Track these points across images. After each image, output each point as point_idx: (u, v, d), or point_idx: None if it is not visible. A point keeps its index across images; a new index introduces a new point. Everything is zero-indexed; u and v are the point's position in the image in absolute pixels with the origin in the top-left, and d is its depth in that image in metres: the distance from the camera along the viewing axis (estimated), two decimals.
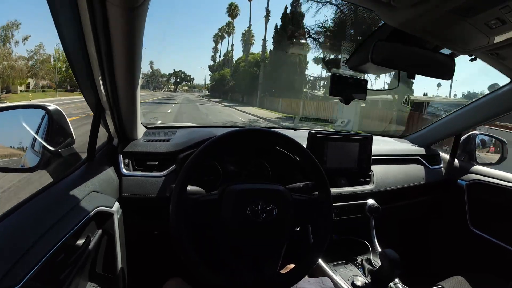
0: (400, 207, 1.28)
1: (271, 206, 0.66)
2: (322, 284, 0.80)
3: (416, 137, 1.51)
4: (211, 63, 44.04)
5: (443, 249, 1.42)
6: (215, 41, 43.22)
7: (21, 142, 0.81)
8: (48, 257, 0.52)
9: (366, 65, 0.83)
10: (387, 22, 0.67)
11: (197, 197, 0.65)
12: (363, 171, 1.15)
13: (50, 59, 25.30)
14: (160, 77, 60.26)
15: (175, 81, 65.17)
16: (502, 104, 1.11)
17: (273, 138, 0.76)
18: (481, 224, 1.26)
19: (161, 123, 1.34)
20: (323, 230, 0.71)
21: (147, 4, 0.51)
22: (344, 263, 1.10)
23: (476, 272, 1.06)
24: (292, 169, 1.05)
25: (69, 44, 0.62)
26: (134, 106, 0.80)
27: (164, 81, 63.58)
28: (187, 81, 66.25)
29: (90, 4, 0.48)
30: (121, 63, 0.62)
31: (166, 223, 0.62)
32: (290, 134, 0.77)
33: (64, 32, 0.59)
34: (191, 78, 66.10)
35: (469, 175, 1.34)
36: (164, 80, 63.51)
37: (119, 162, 0.92)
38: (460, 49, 0.76)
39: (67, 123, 0.80)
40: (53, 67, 25.15)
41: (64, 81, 26.75)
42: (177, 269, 0.87)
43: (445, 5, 0.55)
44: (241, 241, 0.66)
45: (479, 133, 1.40)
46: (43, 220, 0.57)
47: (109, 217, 0.78)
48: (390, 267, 0.80)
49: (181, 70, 65.74)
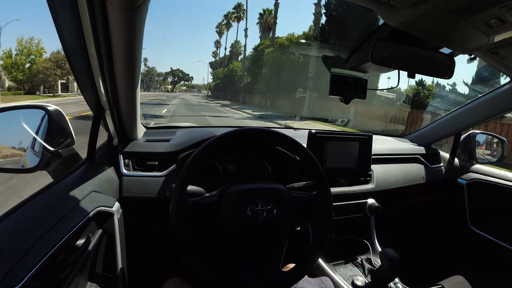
0: (400, 206, 1.28)
1: (271, 205, 0.66)
2: (322, 284, 0.80)
3: (416, 136, 1.51)
4: (212, 61, 38.23)
5: (443, 248, 1.43)
6: (218, 31, 36.05)
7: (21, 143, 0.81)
8: (48, 257, 0.52)
9: (366, 64, 0.83)
10: (387, 22, 0.67)
11: (197, 200, 0.66)
12: (363, 171, 1.15)
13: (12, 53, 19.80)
14: (156, 76, 56.17)
15: (172, 80, 59.23)
16: (502, 103, 1.11)
17: (273, 138, 0.76)
18: (481, 223, 1.26)
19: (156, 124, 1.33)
20: (323, 230, 0.71)
21: (147, 4, 0.51)
22: (344, 262, 1.10)
23: (476, 271, 1.06)
24: (292, 169, 1.05)
25: (69, 44, 0.62)
26: (134, 106, 0.80)
27: (160, 81, 57.80)
28: (185, 80, 59.97)
29: (90, 4, 0.48)
30: (121, 63, 0.62)
31: (166, 223, 0.62)
32: (290, 133, 0.77)
33: (64, 32, 0.59)
34: (190, 77, 59.97)
35: (469, 174, 1.34)
36: (160, 79, 57.75)
37: (119, 162, 0.92)
38: (460, 49, 0.76)
39: (67, 123, 0.80)
40: (10, 64, 19.61)
41: (27, 81, 20.37)
42: (177, 269, 0.87)
43: (445, 4, 0.55)
44: (241, 241, 0.66)
45: (479, 132, 1.40)
46: (43, 220, 0.57)
47: (109, 217, 0.78)
48: (390, 267, 0.80)
49: (178, 69, 59.46)
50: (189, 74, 59.63)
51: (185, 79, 60.15)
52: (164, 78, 58.18)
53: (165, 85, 58.80)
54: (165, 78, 58.33)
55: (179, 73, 58.91)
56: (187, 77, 60.65)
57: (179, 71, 59.62)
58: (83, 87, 0.74)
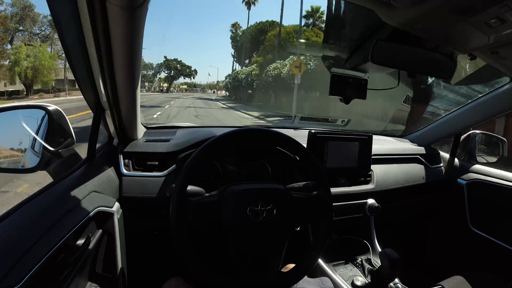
0: (400, 206, 1.28)
1: (271, 205, 0.66)
2: (321, 284, 0.80)
3: (416, 136, 1.51)
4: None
5: (443, 248, 1.43)
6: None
7: (21, 143, 0.81)
8: (48, 257, 0.52)
9: (366, 64, 0.83)
10: (387, 22, 0.67)
11: (197, 199, 0.66)
12: (363, 171, 1.15)
13: None
14: (143, 69, 36.20)
15: (167, 75, 40.73)
16: (502, 103, 1.11)
17: (273, 138, 0.76)
18: (481, 224, 1.26)
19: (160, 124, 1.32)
20: (323, 230, 0.71)
21: (147, 4, 0.51)
22: (344, 263, 1.11)
23: (476, 271, 1.06)
24: (292, 169, 1.05)
25: (69, 44, 0.62)
26: (134, 106, 0.80)
27: (149, 76, 40.26)
28: (186, 75, 41.44)
29: (90, 4, 0.48)
30: (121, 63, 0.62)
31: (166, 223, 0.62)
32: (290, 134, 0.77)
33: (64, 32, 0.59)
34: (192, 71, 41.14)
35: (469, 174, 1.34)
36: (150, 74, 40.20)
37: (119, 162, 0.92)
38: (460, 49, 0.76)
39: (67, 123, 0.80)
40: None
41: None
42: (177, 269, 0.87)
43: (445, 4, 0.55)
44: (241, 241, 0.66)
45: (479, 132, 1.40)
46: (43, 220, 0.57)
47: (109, 217, 0.78)
48: (390, 267, 0.80)
49: (176, 59, 40.35)
50: (191, 67, 41.47)
51: (185, 73, 41.33)
52: (155, 72, 41.33)
53: (159, 82, 41.73)
54: (155, 72, 41.42)
55: (177, 65, 40.39)
56: (188, 71, 41.42)
57: (177, 61, 40.47)
58: (83, 87, 0.74)
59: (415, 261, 1.42)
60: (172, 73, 40.81)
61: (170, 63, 40.20)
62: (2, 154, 0.79)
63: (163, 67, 40.48)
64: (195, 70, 41.61)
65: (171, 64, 40.17)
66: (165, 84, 41.54)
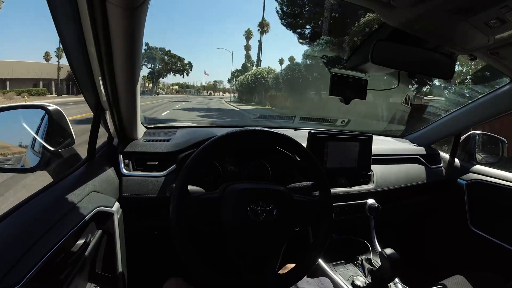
0: (400, 206, 1.28)
1: (271, 206, 0.66)
2: (321, 284, 0.81)
3: (416, 136, 1.51)
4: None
5: (443, 248, 1.43)
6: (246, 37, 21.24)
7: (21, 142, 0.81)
8: (48, 257, 0.52)
9: (366, 65, 0.83)
10: (387, 22, 0.67)
11: (198, 195, 0.65)
12: (363, 171, 1.15)
13: None
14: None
15: (150, 70, 27.66)
16: (502, 104, 1.11)
17: (273, 138, 0.76)
18: (481, 224, 1.26)
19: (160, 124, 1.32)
20: (323, 231, 0.71)
21: (147, 4, 0.51)
22: (344, 262, 1.11)
23: (476, 271, 1.06)
24: (292, 169, 1.05)
25: (69, 44, 0.62)
26: (134, 106, 0.80)
27: None
28: (177, 71, 29.22)
29: (90, 4, 0.48)
30: (121, 63, 0.62)
31: (166, 223, 0.62)
32: (290, 134, 0.77)
33: (64, 32, 0.59)
34: (186, 65, 28.89)
35: (469, 174, 1.34)
36: None
37: (119, 162, 0.92)
38: (460, 49, 0.76)
39: (67, 123, 0.80)
40: None
41: None
42: (177, 269, 0.87)
43: (445, 5, 0.55)
44: (241, 241, 0.66)
45: (479, 133, 1.41)
46: (43, 220, 0.57)
47: (109, 217, 0.78)
48: (390, 267, 0.80)
49: (163, 48, 28.21)
50: (183, 59, 29.21)
51: (174, 68, 28.82)
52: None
53: (144, 82, 27.37)
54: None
55: (164, 56, 28.22)
56: (180, 64, 28.96)
57: (164, 51, 28.04)
58: (83, 87, 0.74)
59: (415, 261, 1.42)
60: (158, 68, 28.08)
61: (154, 53, 27.30)
62: (2, 154, 0.79)
63: (144, 58, 25.87)
64: (189, 63, 29.04)
65: (156, 55, 27.49)
66: (150, 84, 29.66)
